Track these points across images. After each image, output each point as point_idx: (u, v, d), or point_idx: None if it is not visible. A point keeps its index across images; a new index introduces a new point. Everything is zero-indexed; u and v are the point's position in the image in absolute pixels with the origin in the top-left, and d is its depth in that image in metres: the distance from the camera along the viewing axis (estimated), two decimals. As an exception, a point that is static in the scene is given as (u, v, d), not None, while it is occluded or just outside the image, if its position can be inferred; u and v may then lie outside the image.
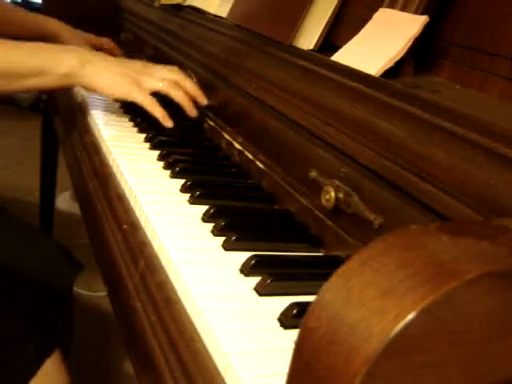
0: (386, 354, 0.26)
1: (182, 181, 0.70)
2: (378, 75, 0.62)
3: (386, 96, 0.58)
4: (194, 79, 0.97)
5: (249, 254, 0.54)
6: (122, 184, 0.70)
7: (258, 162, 0.75)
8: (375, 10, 0.69)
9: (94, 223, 0.68)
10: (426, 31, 0.63)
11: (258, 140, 0.77)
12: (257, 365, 0.40)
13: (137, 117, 0.94)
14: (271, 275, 0.50)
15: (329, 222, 0.60)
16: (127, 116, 0.96)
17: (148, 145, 0.84)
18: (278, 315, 0.46)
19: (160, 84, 0.87)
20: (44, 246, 0.96)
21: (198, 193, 0.66)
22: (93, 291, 1.68)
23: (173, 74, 0.90)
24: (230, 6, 1.00)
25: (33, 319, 0.82)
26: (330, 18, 0.77)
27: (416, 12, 0.64)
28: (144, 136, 0.87)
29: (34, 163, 1.90)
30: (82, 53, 0.87)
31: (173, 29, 1.17)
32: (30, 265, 0.89)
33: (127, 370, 1.44)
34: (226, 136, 0.85)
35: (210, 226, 0.60)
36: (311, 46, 0.78)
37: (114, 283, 0.57)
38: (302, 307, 0.45)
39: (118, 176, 0.72)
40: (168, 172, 0.74)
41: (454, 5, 0.63)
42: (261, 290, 0.50)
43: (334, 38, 0.78)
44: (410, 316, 0.26)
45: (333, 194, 0.57)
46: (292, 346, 0.30)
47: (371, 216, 0.53)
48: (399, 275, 0.28)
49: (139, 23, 1.40)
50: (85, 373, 1.35)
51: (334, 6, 0.77)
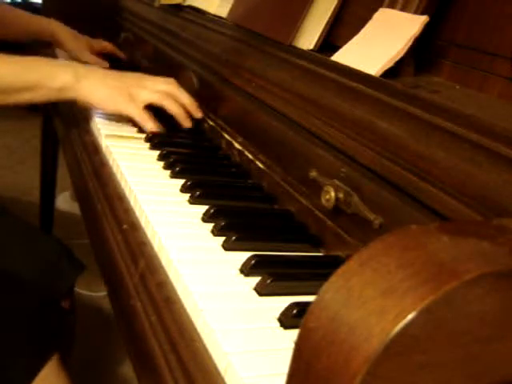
0: (385, 353, 0.26)
1: (182, 181, 0.70)
2: (377, 75, 0.62)
3: (386, 96, 0.58)
4: (195, 79, 0.97)
5: (249, 253, 0.54)
6: (122, 184, 0.70)
7: (257, 162, 0.75)
8: (375, 10, 0.69)
9: (94, 223, 0.68)
10: (426, 31, 0.63)
11: (258, 140, 0.77)
12: (257, 365, 0.40)
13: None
14: (271, 275, 0.50)
15: (329, 222, 0.60)
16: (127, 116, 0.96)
17: (148, 145, 0.84)
18: (277, 315, 0.46)
19: (154, 96, 0.88)
20: (45, 246, 0.96)
21: (198, 193, 0.66)
22: (93, 291, 1.68)
23: (167, 85, 0.91)
24: (229, 6, 1.01)
25: (33, 320, 0.81)
26: (330, 18, 0.77)
27: (416, 12, 0.64)
28: (144, 136, 0.87)
29: (34, 163, 1.90)
30: (76, 67, 0.88)
31: (173, 29, 1.17)
32: (30, 265, 0.89)
33: (127, 371, 1.44)
34: (226, 136, 0.85)
35: (210, 226, 0.60)
36: (311, 46, 0.78)
37: (114, 283, 0.57)
38: (302, 307, 0.45)
39: (118, 176, 0.72)
40: (168, 172, 0.74)
41: (454, 5, 0.63)
42: (261, 290, 0.50)
43: (334, 38, 0.78)
44: (410, 316, 0.26)
45: (333, 194, 0.57)
46: (292, 345, 0.30)
47: (371, 216, 0.53)
48: (399, 275, 0.28)
49: (139, 23, 1.40)
50: (85, 373, 1.35)
51: (333, 6, 0.77)
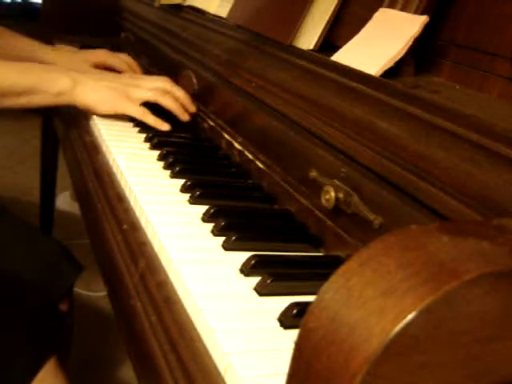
0: (385, 353, 0.26)
1: (182, 181, 0.70)
2: (377, 75, 0.62)
3: (385, 96, 0.58)
4: (195, 79, 0.97)
5: (249, 253, 0.54)
6: (122, 184, 0.70)
7: (258, 162, 0.75)
8: (375, 10, 0.69)
9: (94, 223, 0.68)
10: (426, 31, 0.63)
11: (258, 140, 0.77)
12: (257, 365, 0.40)
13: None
14: (271, 275, 0.50)
15: (329, 222, 0.60)
16: (127, 116, 0.96)
17: (148, 145, 0.84)
18: (277, 315, 0.46)
19: (149, 93, 0.91)
20: (44, 246, 0.96)
21: (197, 193, 0.66)
22: (93, 291, 1.68)
23: (161, 82, 0.94)
24: (229, 6, 1.00)
25: (32, 320, 0.81)
26: (330, 17, 0.77)
27: (416, 12, 0.64)
28: (144, 136, 0.87)
29: (34, 163, 1.90)
30: (72, 73, 0.89)
31: (173, 29, 1.17)
32: (30, 265, 0.89)
33: (127, 371, 1.44)
34: (226, 136, 0.85)
35: (210, 226, 0.60)
36: (311, 46, 0.78)
37: (114, 283, 0.57)
38: (302, 307, 0.45)
39: (118, 176, 0.72)
40: (168, 172, 0.74)
41: (454, 5, 0.63)
42: (261, 290, 0.50)
43: (333, 37, 0.78)
44: (410, 316, 0.26)
45: (333, 194, 0.57)
46: (292, 346, 0.30)
47: (371, 216, 0.53)
48: (399, 275, 0.28)
49: (139, 23, 1.40)
50: (84, 373, 1.36)
51: (333, 6, 0.77)
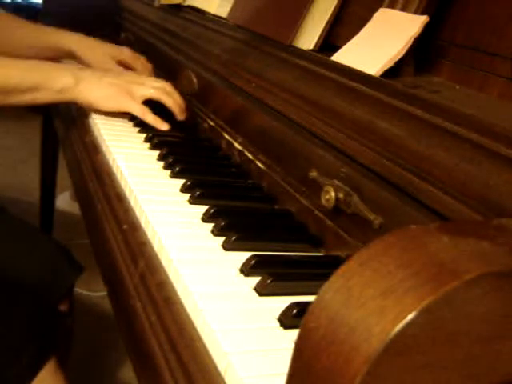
0: (385, 354, 0.26)
1: (182, 181, 0.70)
2: (377, 75, 0.62)
3: (386, 96, 0.58)
4: (195, 79, 0.97)
5: (249, 253, 0.54)
6: (122, 184, 0.70)
7: (258, 162, 0.75)
8: (375, 10, 0.69)
9: (94, 223, 0.68)
10: (426, 31, 0.63)
11: (258, 140, 0.77)
12: (257, 365, 0.40)
13: (136, 117, 0.94)
14: (271, 275, 0.50)
15: (329, 222, 0.60)
16: (127, 116, 0.96)
17: (148, 145, 0.84)
18: (277, 315, 0.46)
19: (151, 91, 0.92)
20: (44, 247, 0.96)
21: (197, 193, 0.66)
22: (93, 291, 1.68)
23: (162, 83, 0.95)
24: (230, 6, 1.01)
25: (32, 320, 0.81)
26: (330, 18, 0.77)
27: (416, 12, 0.64)
28: (144, 136, 0.87)
29: (34, 163, 1.90)
30: (75, 70, 0.91)
31: (173, 29, 1.17)
32: (30, 265, 0.89)
33: (127, 371, 1.44)
34: (226, 136, 0.85)
35: (210, 226, 0.60)
36: (311, 46, 0.78)
37: (114, 283, 0.57)
38: (302, 307, 0.45)
39: (118, 176, 0.72)
40: (168, 172, 0.74)
41: (454, 5, 0.63)
42: (261, 290, 0.50)
43: (333, 38, 0.78)
44: (410, 316, 0.26)
45: (333, 194, 0.57)
46: (292, 346, 0.30)
47: (371, 216, 0.53)
48: (399, 275, 0.28)
49: (139, 23, 1.40)
50: (84, 373, 1.36)
51: (333, 5, 0.77)
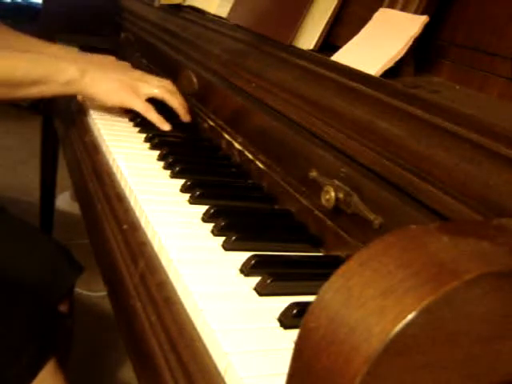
0: (385, 354, 0.26)
1: (182, 181, 0.70)
2: (377, 75, 0.62)
3: (386, 96, 0.58)
4: (195, 79, 0.97)
5: (249, 253, 0.54)
6: (122, 184, 0.70)
7: (258, 162, 0.75)
8: (375, 10, 0.69)
9: (94, 223, 0.68)
10: (426, 31, 0.63)
11: (258, 140, 0.77)
12: (257, 365, 0.40)
13: (137, 117, 0.94)
14: (271, 275, 0.50)
15: (329, 222, 0.60)
16: (127, 116, 0.96)
17: (148, 145, 0.84)
18: (277, 315, 0.46)
19: (156, 90, 0.93)
20: (45, 247, 0.96)
21: (198, 193, 0.66)
22: (93, 291, 1.68)
23: (166, 83, 0.96)
24: (230, 6, 1.00)
25: (32, 320, 0.81)
26: (330, 18, 0.77)
27: (416, 12, 0.64)
28: (144, 136, 0.87)
29: (34, 163, 1.90)
30: (81, 62, 0.91)
31: (173, 29, 1.17)
32: (30, 265, 0.89)
33: (127, 371, 1.44)
34: (226, 136, 0.85)
35: (210, 226, 0.60)
36: (311, 46, 0.78)
37: (114, 283, 0.57)
38: (302, 307, 0.45)
39: (118, 176, 0.72)
40: (168, 172, 0.74)
41: (454, 5, 0.63)
42: (261, 290, 0.50)
43: (334, 38, 0.78)
44: (410, 316, 0.26)
45: (333, 194, 0.57)
46: (292, 346, 0.30)
47: (371, 216, 0.53)
48: (399, 275, 0.28)
49: (139, 23, 1.40)
50: (84, 373, 1.36)
51: (333, 5, 0.77)
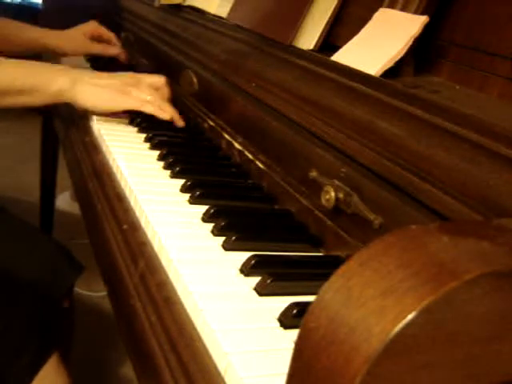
0: (385, 354, 0.26)
1: (182, 181, 0.70)
2: (377, 75, 0.62)
3: (386, 96, 0.58)
4: (195, 79, 0.97)
5: (249, 253, 0.54)
6: (122, 184, 0.70)
7: (258, 162, 0.75)
8: (375, 10, 0.69)
9: (94, 223, 0.68)
10: (426, 31, 0.63)
11: (258, 140, 0.77)
12: (257, 365, 0.40)
13: (137, 117, 0.94)
14: (271, 275, 0.50)
15: (329, 222, 0.60)
16: (127, 116, 0.96)
17: (148, 145, 0.84)
18: (277, 315, 0.46)
19: (148, 97, 0.90)
20: (45, 247, 0.96)
21: (198, 193, 0.66)
22: (93, 291, 1.68)
23: (157, 80, 0.93)
24: (230, 6, 1.00)
25: (33, 320, 0.82)
26: (330, 18, 0.77)
27: (416, 12, 0.64)
28: (144, 136, 0.87)
29: (34, 163, 1.90)
30: (71, 71, 0.89)
31: (173, 29, 1.17)
32: (30, 265, 0.89)
33: (127, 371, 1.44)
34: (226, 136, 0.85)
35: (210, 226, 0.60)
36: (311, 46, 0.78)
37: (114, 283, 0.57)
38: (302, 307, 0.45)
39: (118, 176, 0.72)
40: (168, 172, 0.74)
41: (454, 5, 0.63)
42: (261, 290, 0.50)
43: (334, 38, 0.78)
44: (410, 316, 0.26)
45: (333, 194, 0.57)
46: (292, 346, 0.30)
47: (371, 216, 0.53)
48: (399, 275, 0.28)
49: (139, 23, 1.40)
50: (84, 373, 1.35)
51: (333, 5, 0.77)
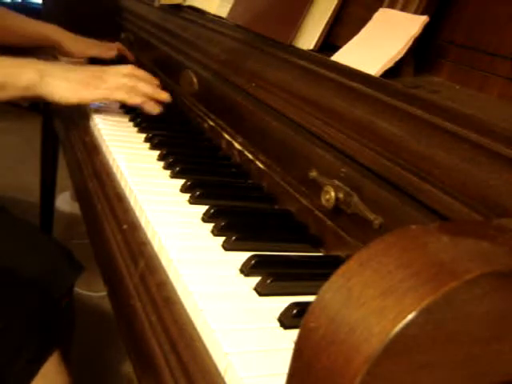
0: (385, 353, 0.26)
1: (182, 181, 0.70)
2: (377, 75, 0.62)
3: (386, 96, 0.58)
4: (195, 79, 0.97)
5: (249, 253, 0.54)
6: (122, 184, 0.70)
7: (258, 162, 0.76)
8: (375, 10, 0.69)
9: (94, 223, 0.68)
10: (426, 31, 0.63)
11: (258, 140, 0.77)
12: (257, 365, 0.40)
13: (137, 117, 0.94)
14: (271, 275, 0.50)
15: (329, 222, 0.60)
16: (127, 116, 0.96)
17: (148, 145, 0.84)
18: (277, 315, 0.46)
19: (123, 80, 0.90)
20: (45, 247, 0.96)
21: (198, 193, 0.66)
22: (93, 291, 1.68)
23: (128, 78, 0.92)
24: (229, 6, 1.00)
25: (33, 320, 0.82)
26: (330, 18, 0.77)
27: (416, 12, 0.64)
28: (144, 136, 0.87)
29: (34, 163, 1.90)
30: (39, 65, 0.89)
31: (173, 29, 1.17)
32: (30, 265, 0.89)
33: (127, 371, 1.44)
34: (226, 136, 0.85)
35: (210, 226, 0.60)
36: (311, 46, 0.78)
37: (114, 283, 0.57)
38: (302, 307, 0.45)
39: (118, 176, 0.72)
40: (168, 172, 0.74)
41: (454, 5, 0.63)
42: (261, 290, 0.50)
43: (333, 38, 0.78)
44: (410, 316, 0.26)
45: (333, 193, 0.57)
46: (292, 346, 0.30)
47: (371, 216, 0.53)
48: (399, 275, 0.28)
49: (139, 23, 1.40)
50: (85, 373, 1.36)
51: (333, 5, 0.77)
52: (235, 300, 0.48)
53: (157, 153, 0.80)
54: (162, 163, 0.77)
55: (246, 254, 0.54)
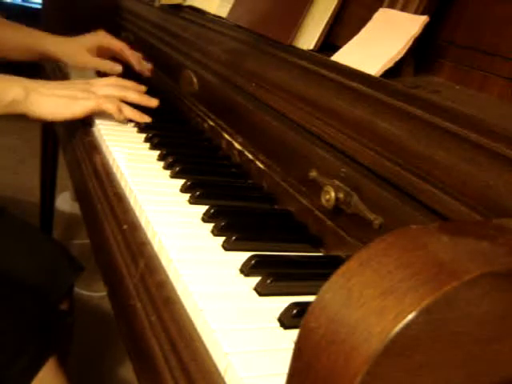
0: (385, 354, 0.26)
1: (182, 181, 0.70)
2: (378, 75, 0.62)
3: (386, 96, 0.58)
4: (195, 79, 0.97)
5: (249, 254, 0.54)
6: (122, 184, 0.70)
7: (258, 162, 0.76)
8: (375, 10, 0.69)
9: (94, 223, 0.68)
10: (426, 31, 0.63)
11: (258, 140, 0.77)
12: (257, 365, 0.40)
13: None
14: (271, 275, 0.50)
15: (329, 222, 0.60)
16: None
17: (148, 145, 0.84)
18: (277, 315, 0.46)
19: (108, 90, 0.89)
20: (45, 247, 0.96)
21: (198, 193, 0.66)
22: (93, 291, 1.68)
23: (116, 88, 0.91)
24: (229, 6, 1.01)
25: (32, 320, 0.81)
26: (329, 18, 0.77)
27: (416, 12, 0.64)
28: (144, 136, 0.87)
29: (34, 163, 1.90)
30: (24, 82, 0.86)
31: (173, 29, 1.17)
32: (30, 265, 0.89)
33: (127, 371, 1.44)
34: (226, 136, 0.85)
35: (210, 226, 0.60)
36: (311, 46, 0.78)
37: (114, 283, 0.57)
38: (302, 307, 0.45)
39: (118, 176, 0.72)
40: (168, 172, 0.74)
41: (454, 5, 0.63)
42: (261, 290, 0.50)
43: (333, 37, 0.78)
44: (410, 316, 0.26)
45: (333, 194, 0.57)
46: (292, 346, 0.30)
47: (371, 216, 0.53)
48: (399, 275, 0.28)
49: (139, 23, 1.40)
50: (84, 373, 1.36)
51: (334, 5, 0.77)
52: (235, 300, 0.48)
53: (157, 153, 0.80)
54: (162, 163, 0.77)
55: (246, 254, 0.54)
